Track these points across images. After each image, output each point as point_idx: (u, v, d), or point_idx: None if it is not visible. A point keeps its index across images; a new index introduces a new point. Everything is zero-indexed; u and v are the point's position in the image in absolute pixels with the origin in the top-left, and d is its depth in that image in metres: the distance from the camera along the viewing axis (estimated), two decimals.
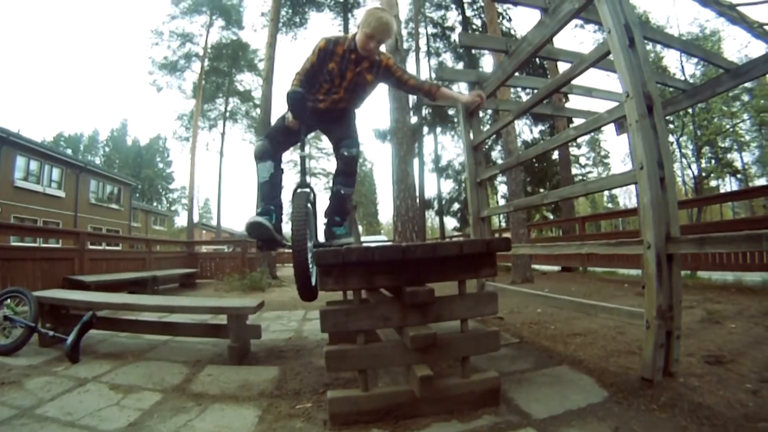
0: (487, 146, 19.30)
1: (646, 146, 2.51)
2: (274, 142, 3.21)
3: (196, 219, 36.66)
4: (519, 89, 17.62)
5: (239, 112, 36.81)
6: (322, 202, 3.41)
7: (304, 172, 3.19)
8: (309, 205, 2.99)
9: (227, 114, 35.95)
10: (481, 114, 6.66)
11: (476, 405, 2.35)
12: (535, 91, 4.71)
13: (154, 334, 4.19)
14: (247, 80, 35.92)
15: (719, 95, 6.18)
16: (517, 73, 4.48)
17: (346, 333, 2.45)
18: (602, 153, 47.22)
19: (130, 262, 9.14)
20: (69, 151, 42.31)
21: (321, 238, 3.41)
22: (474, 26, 22.57)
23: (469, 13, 22.97)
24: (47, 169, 24.04)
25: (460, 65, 22.44)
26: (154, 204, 50.23)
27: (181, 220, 47.65)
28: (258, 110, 21.34)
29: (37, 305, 3.91)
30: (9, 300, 4.06)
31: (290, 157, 16.10)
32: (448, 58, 24.17)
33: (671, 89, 4.90)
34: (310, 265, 2.86)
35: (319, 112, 3.22)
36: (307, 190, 3.09)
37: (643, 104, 2.56)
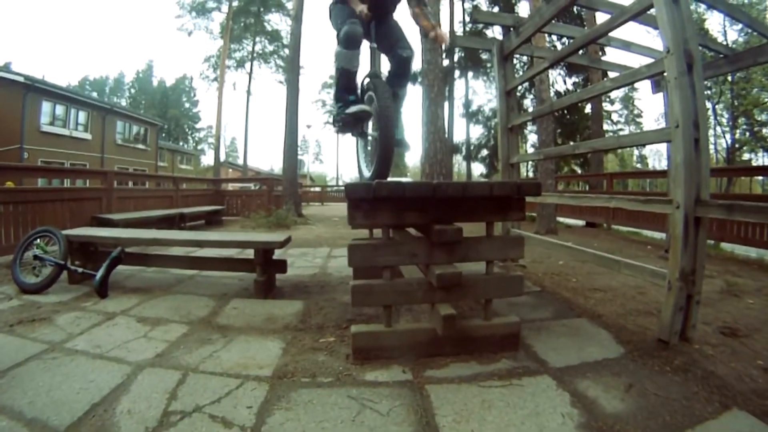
0: (519, 94, 18.66)
1: (683, 104, 2.45)
2: (362, 23, 3.02)
3: (222, 158, 36.91)
4: (554, 38, 16.85)
5: (267, 53, 36.25)
6: None
7: (376, 61, 3.18)
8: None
9: (255, 54, 35.45)
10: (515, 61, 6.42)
11: (496, 348, 2.40)
12: (572, 40, 4.53)
13: (181, 269, 4.26)
14: (275, 20, 35.18)
15: (761, 65, 5.85)
16: (554, 21, 4.29)
17: (371, 270, 2.48)
18: (635, 111, 45.39)
19: (157, 200, 9.24)
20: (95, 95, 42.56)
21: None
22: None
23: None
24: (73, 112, 24.20)
25: (496, 9, 21.54)
26: (181, 144, 50.61)
27: (207, 159, 47.94)
28: (286, 50, 20.92)
29: (67, 243, 3.97)
30: (39, 239, 4.12)
31: None
32: (482, 1, 23.10)
33: (711, 53, 4.63)
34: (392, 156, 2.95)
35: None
36: (382, 78, 3.08)
37: (683, 62, 2.48)
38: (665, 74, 2.64)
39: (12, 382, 2.10)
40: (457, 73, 22.84)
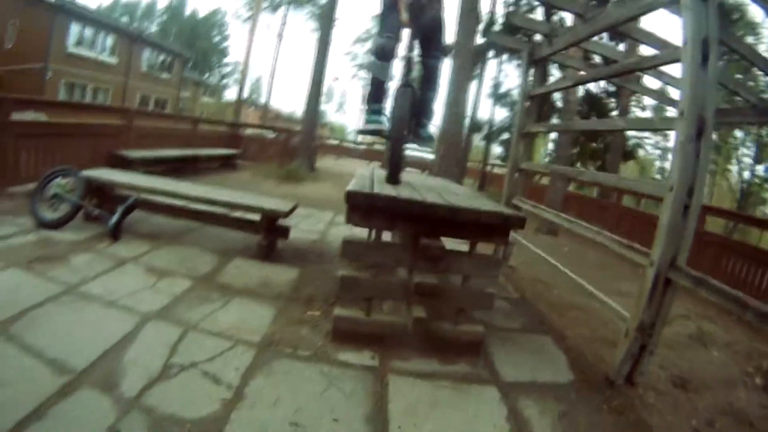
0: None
1: (682, 170, 2.48)
2: (397, 36, 3.11)
3: (245, 96, 36.74)
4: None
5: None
6: None
7: (409, 72, 3.22)
8: (409, 103, 3.11)
9: None
10: None
11: (459, 352, 2.68)
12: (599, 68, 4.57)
13: (191, 220, 4.43)
14: None
15: None
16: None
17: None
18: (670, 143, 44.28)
19: (175, 139, 9.24)
20: (125, 20, 41.97)
21: None
22: None
23: None
24: (101, 36, 23.89)
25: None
26: (206, 76, 50.24)
27: (230, 94, 47.72)
28: None
29: (86, 184, 4.12)
30: (59, 177, 4.24)
31: None
32: None
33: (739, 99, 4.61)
34: (401, 159, 3.18)
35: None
36: (410, 88, 3.16)
37: (694, 127, 2.48)
38: (675, 134, 2.63)
39: (33, 322, 2.37)
40: (491, 53, 22.47)
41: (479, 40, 15.07)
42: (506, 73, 24.20)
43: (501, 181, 16.40)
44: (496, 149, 25.24)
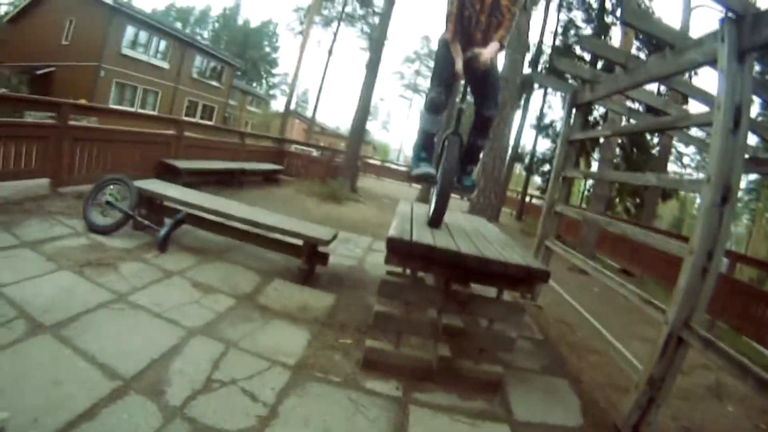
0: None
1: (704, 234, 2.55)
2: (448, 92, 3.29)
3: (292, 107, 37.74)
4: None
5: (356, 16, 36.49)
6: None
7: (459, 122, 3.37)
8: (458, 153, 3.32)
9: (343, 15, 35.70)
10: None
11: (478, 389, 2.84)
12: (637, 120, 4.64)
13: (236, 239, 4.61)
14: None
15: None
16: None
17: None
18: (707, 158, 43.03)
19: (222, 152, 9.62)
20: (179, 24, 43.87)
21: None
22: None
23: None
24: (155, 40, 24.98)
25: (588, 30, 21.08)
26: (254, 85, 51.75)
27: (277, 105, 49.06)
28: (376, 18, 20.80)
29: (138, 195, 4.33)
30: (112, 186, 4.44)
31: None
32: (578, 16, 22.45)
33: None
34: (446, 205, 3.35)
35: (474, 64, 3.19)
36: (459, 138, 3.33)
37: (719, 194, 2.53)
38: (700, 198, 2.68)
39: (86, 326, 2.60)
40: (537, 85, 22.58)
41: (526, 69, 15.26)
42: (550, 105, 24.31)
43: (538, 211, 16.40)
44: (536, 179, 25.19)
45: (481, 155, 3.74)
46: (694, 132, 6.14)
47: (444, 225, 3.55)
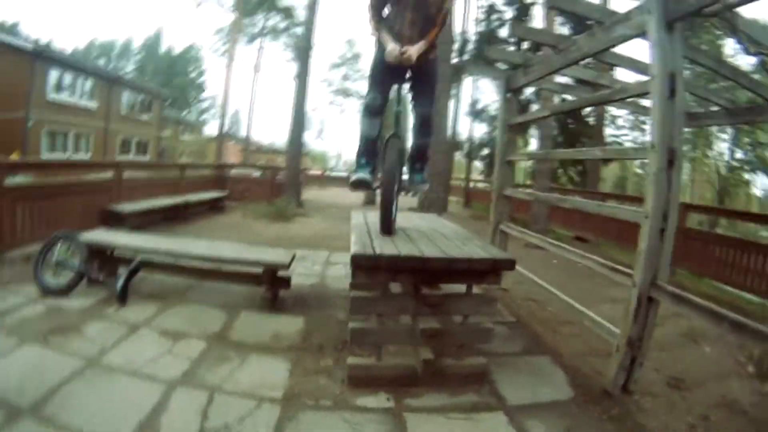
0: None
1: (656, 197, 2.69)
2: (384, 95, 3.31)
3: (225, 129, 36.96)
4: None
5: (279, 29, 36.04)
6: None
7: (398, 125, 3.43)
8: (399, 156, 3.32)
9: (266, 30, 35.22)
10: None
11: (465, 383, 2.89)
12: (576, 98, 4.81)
13: (194, 279, 4.52)
14: None
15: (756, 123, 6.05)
16: None
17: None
18: (641, 118, 45.26)
19: (163, 187, 9.37)
20: (102, 60, 42.35)
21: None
22: None
23: None
24: (80, 81, 23.86)
25: (510, 13, 21.57)
26: (184, 112, 50.34)
27: (210, 129, 47.88)
28: (298, 29, 20.67)
29: (87, 250, 4.20)
30: (59, 244, 4.32)
31: None
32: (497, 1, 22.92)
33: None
34: (394, 210, 3.35)
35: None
36: (399, 139, 3.35)
37: (665, 158, 2.67)
38: (648, 165, 2.82)
39: (65, 402, 2.46)
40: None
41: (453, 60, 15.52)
42: (481, 90, 24.81)
43: (484, 196, 16.66)
44: (477, 164, 25.72)
45: (428, 152, 3.77)
46: None
47: (401, 230, 3.58)
